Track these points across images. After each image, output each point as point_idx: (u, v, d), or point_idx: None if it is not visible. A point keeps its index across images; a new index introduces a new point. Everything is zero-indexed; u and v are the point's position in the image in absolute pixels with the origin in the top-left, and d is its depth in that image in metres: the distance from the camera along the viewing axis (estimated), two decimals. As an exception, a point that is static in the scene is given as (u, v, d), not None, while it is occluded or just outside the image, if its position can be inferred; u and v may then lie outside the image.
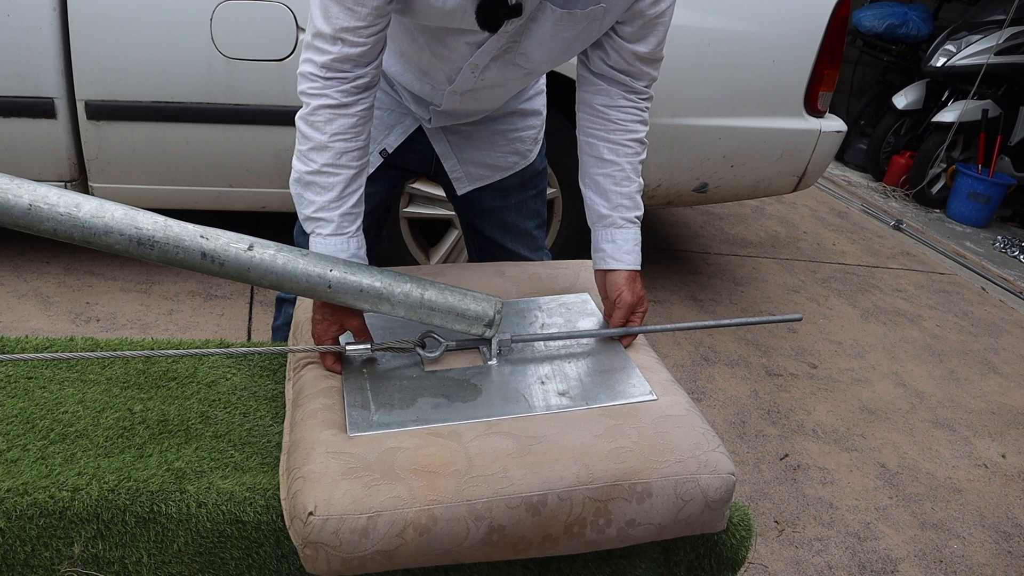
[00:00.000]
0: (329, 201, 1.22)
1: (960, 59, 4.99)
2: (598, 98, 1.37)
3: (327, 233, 1.23)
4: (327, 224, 1.23)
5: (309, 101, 1.20)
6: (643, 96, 1.38)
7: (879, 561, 2.10)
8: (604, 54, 1.34)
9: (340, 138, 1.21)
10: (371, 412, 1.13)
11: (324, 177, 1.21)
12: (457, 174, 1.62)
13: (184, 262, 1.06)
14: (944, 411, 2.86)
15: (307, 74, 1.20)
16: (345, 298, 1.15)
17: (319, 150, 1.20)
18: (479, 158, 1.61)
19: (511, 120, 1.61)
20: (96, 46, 2.32)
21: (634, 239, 1.38)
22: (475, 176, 1.63)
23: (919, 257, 4.38)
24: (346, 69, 1.19)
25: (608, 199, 1.38)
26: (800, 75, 2.83)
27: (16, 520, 1.03)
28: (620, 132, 1.37)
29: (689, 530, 1.13)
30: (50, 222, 0.99)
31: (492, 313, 1.21)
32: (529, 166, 1.67)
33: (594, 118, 1.38)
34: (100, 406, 1.22)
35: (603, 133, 1.38)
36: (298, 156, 1.23)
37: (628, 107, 1.37)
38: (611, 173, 1.37)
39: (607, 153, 1.37)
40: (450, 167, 1.61)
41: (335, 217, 1.23)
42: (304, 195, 1.23)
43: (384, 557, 0.99)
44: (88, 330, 2.46)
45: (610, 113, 1.37)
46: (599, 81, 1.37)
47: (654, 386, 1.23)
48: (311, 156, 1.21)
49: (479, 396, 1.18)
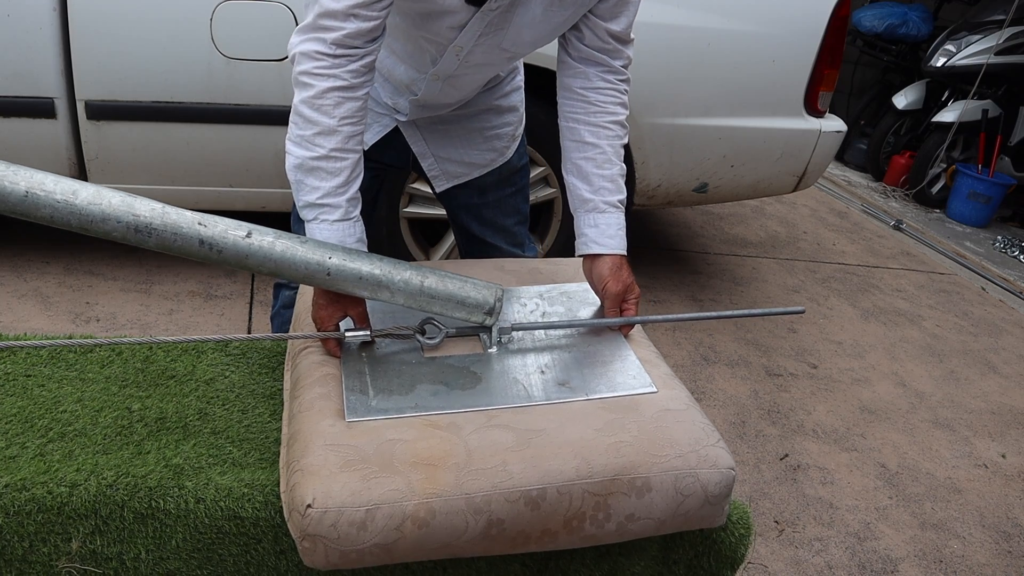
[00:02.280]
0: (336, 186, 1.20)
1: (960, 59, 4.99)
2: (577, 81, 1.38)
3: (334, 219, 1.20)
4: (333, 210, 1.20)
5: (315, 83, 1.17)
6: (621, 77, 1.38)
7: (879, 561, 2.10)
8: (580, 34, 1.35)
9: (348, 122, 1.19)
10: (369, 397, 1.13)
11: (331, 162, 1.19)
12: (435, 172, 1.62)
13: (182, 249, 1.05)
14: (944, 411, 2.86)
15: (312, 53, 1.17)
16: (344, 285, 1.14)
17: (327, 135, 1.17)
18: (456, 156, 1.61)
19: (487, 117, 1.61)
20: (96, 46, 2.33)
21: (617, 223, 1.37)
22: (453, 174, 1.63)
23: (919, 257, 4.38)
24: (357, 45, 1.18)
25: (590, 182, 1.37)
26: (800, 75, 2.83)
27: (14, 516, 1.03)
28: (600, 115, 1.37)
29: (688, 525, 1.12)
30: (47, 209, 0.98)
31: (492, 301, 1.21)
32: (507, 163, 1.67)
33: (574, 102, 1.38)
34: (99, 404, 1.22)
35: (584, 116, 1.38)
36: (299, 142, 1.19)
37: (607, 88, 1.37)
38: (592, 156, 1.37)
39: (588, 136, 1.37)
40: (427, 165, 1.61)
41: (342, 202, 1.20)
42: (306, 181, 1.20)
43: (382, 550, 0.99)
44: (88, 330, 2.46)
45: (589, 95, 1.37)
46: (577, 64, 1.37)
47: (654, 379, 1.23)
48: (317, 141, 1.18)
49: (478, 384, 1.18)
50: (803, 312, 1.45)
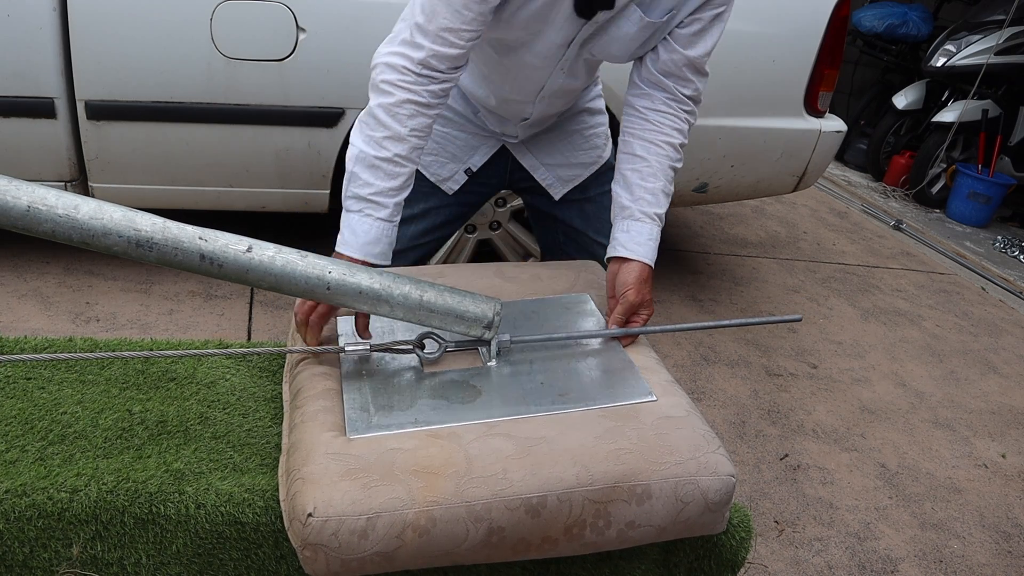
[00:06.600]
0: (390, 188, 1.28)
1: (960, 59, 4.98)
2: (642, 101, 1.43)
3: (379, 217, 1.28)
4: (381, 208, 1.28)
5: (395, 92, 1.25)
6: (686, 107, 1.43)
7: (879, 561, 2.10)
8: (655, 56, 1.40)
9: (417, 135, 1.28)
10: (370, 414, 1.13)
11: (393, 166, 1.27)
12: (549, 180, 1.69)
13: (183, 264, 1.06)
14: (944, 411, 2.86)
15: (398, 66, 1.25)
16: (344, 299, 1.15)
17: (396, 140, 1.26)
18: (564, 160, 1.68)
19: (582, 119, 1.68)
20: (96, 46, 2.32)
21: (649, 233, 1.39)
22: (566, 178, 1.70)
23: (919, 257, 4.38)
24: (440, 69, 1.26)
25: (631, 192, 1.41)
26: (800, 75, 2.83)
27: (15, 521, 1.03)
28: (655, 133, 1.41)
29: (689, 532, 1.12)
30: (48, 224, 0.98)
31: (491, 315, 1.21)
32: (604, 162, 1.74)
33: (634, 119, 1.44)
34: (99, 407, 1.22)
35: (639, 132, 1.42)
36: (368, 139, 1.27)
37: (668, 113, 1.42)
38: (639, 168, 1.41)
39: (639, 150, 1.41)
40: (541, 176, 1.69)
41: (391, 204, 1.29)
42: (362, 176, 1.27)
43: (383, 558, 0.99)
44: (88, 330, 2.46)
45: (649, 115, 1.42)
46: (645, 87, 1.43)
47: (654, 387, 1.23)
48: (385, 144, 1.26)
49: (478, 398, 1.18)
50: (800, 320, 1.46)
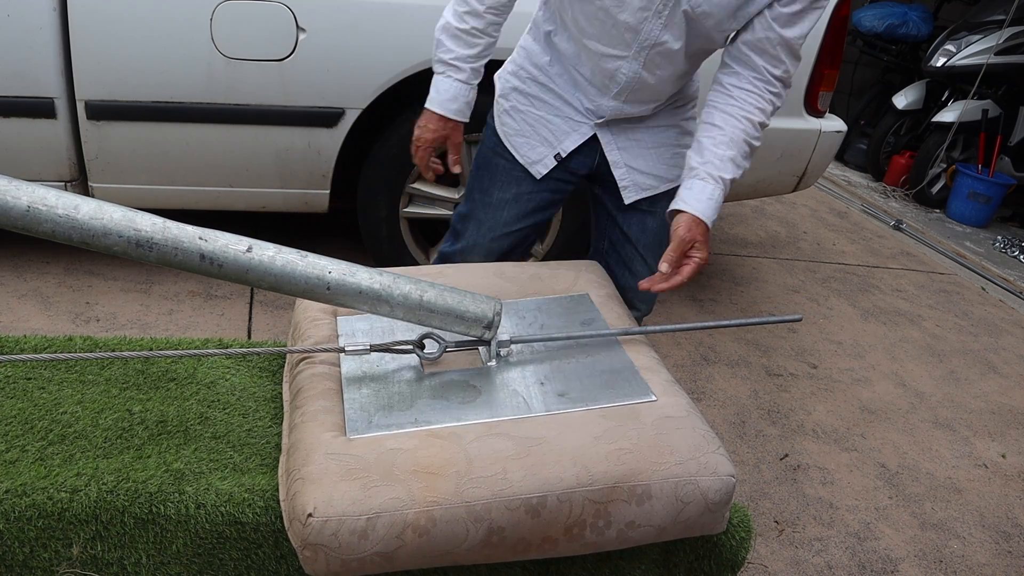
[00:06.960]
0: (468, 55, 1.55)
1: (960, 59, 4.98)
2: (729, 79, 1.45)
3: (457, 78, 1.55)
4: (460, 71, 1.55)
5: None
6: (772, 88, 1.43)
7: (879, 561, 2.10)
8: (750, 30, 1.40)
9: (493, 12, 1.52)
10: (370, 414, 1.13)
11: (471, 37, 1.53)
12: (626, 182, 1.68)
13: (183, 264, 1.06)
14: (944, 411, 2.86)
15: None
16: (344, 299, 1.15)
17: (474, 16, 1.51)
18: (647, 168, 1.67)
19: (673, 135, 1.67)
20: (96, 46, 2.32)
21: (711, 193, 1.40)
22: (642, 185, 1.68)
23: (919, 257, 4.38)
24: None
25: (702, 155, 1.42)
26: (800, 75, 2.83)
27: (15, 521, 1.03)
28: (736, 108, 1.43)
29: (689, 532, 1.12)
30: (48, 224, 0.98)
31: (491, 315, 1.21)
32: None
33: (719, 94, 1.46)
34: (99, 407, 1.22)
35: (722, 105, 1.44)
36: (454, 13, 1.53)
37: (753, 91, 1.43)
38: (713, 135, 1.42)
39: (718, 119, 1.43)
40: (619, 175, 1.67)
41: (468, 68, 1.56)
42: (445, 43, 1.54)
43: (383, 559, 0.99)
44: (88, 330, 2.46)
45: (734, 91, 1.44)
46: (735, 64, 1.44)
47: (654, 387, 1.23)
48: (465, 17, 1.52)
49: (478, 398, 1.18)
50: (800, 320, 1.46)
